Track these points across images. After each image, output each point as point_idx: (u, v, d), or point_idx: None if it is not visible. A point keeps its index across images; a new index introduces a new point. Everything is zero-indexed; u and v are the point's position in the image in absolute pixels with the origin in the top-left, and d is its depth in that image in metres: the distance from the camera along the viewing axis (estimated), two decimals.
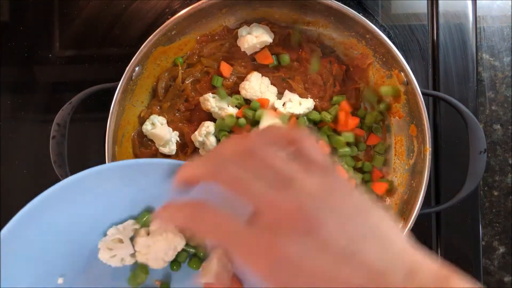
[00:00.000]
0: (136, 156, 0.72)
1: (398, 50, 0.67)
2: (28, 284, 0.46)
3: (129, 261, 0.50)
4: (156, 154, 0.72)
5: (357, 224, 0.31)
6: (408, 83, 0.67)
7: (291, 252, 0.30)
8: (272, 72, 0.74)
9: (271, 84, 0.73)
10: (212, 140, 0.71)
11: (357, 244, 0.30)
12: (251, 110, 0.71)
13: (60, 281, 0.49)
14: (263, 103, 0.71)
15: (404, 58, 0.67)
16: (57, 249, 0.48)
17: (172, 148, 0.72)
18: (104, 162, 0.66)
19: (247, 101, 0.73)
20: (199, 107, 0.73)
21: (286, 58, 0.73)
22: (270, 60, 0.73)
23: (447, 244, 0.76)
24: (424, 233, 0.76)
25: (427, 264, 0.32)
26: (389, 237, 0.32)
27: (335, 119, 0.73)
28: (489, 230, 0.78)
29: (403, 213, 0.69)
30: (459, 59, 0.77)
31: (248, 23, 0.73)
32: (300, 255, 0.30)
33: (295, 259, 0.30)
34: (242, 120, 0.71)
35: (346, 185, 0.33)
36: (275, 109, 0.71)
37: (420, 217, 0.66)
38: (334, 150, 0.73)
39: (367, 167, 0.74)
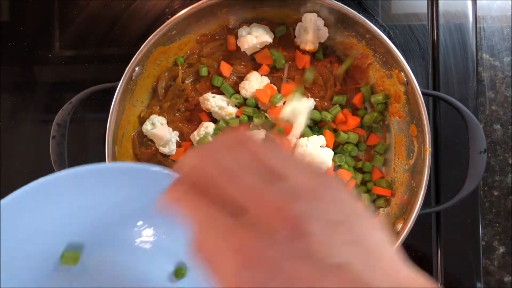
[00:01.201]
0: (136, 156, 0.72)
1: (398, 50, 0.67)
2: None
3: None
4: (156, 154, 0.72)
5: (345, 232, 0.29)
6: (408, 83, 0.67)
7: (270, 254, 0.28)
8: (271, 72, 0.74)
9: (271, 83, 0.73)
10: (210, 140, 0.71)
11: (343, 254, 0.28)
12: (250, 107, 0.71)
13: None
14: (263, 95, 0.71)
15: (404, 58, 0.67)
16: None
17: (172, 148, 0.72)
18: (104, 162, 0.66)
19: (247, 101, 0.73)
20: (199, 107, 0.73)
21: (281, 60, 0.73)
22: (270, 60, 0.73)
23: (447, 244, 0.76)
24: (424, 233, 0.76)
25: (412, 281, 0.30)
26: (377, 249, 0.30)
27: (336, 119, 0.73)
28: (489, 230, 0.78)
29: (403, 213, 0.69)
30: (459, 59, 0.77)
31: (248, 23, 0.73)
32: (279, 258, 0.28)
33: (273, 261, 0.28)
34: (244, 118, 0.71)
35: (338, 188, 0.32)
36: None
37: (420, 217, 0.66)
38: (338, 146, 0.73)
39: (367, 167, 0.74)
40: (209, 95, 0.71)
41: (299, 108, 0.68)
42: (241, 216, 0.30)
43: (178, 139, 0.73)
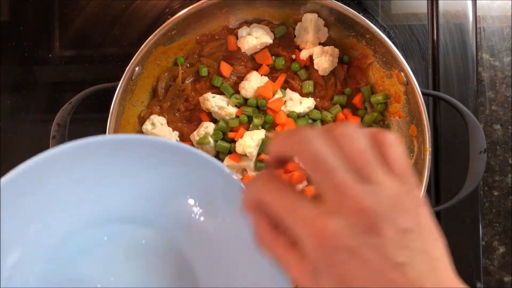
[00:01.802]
0: None
1: (398, 50, 0.67)
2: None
3: None
4: None
5: (412, 240, 0.33)
6: (408, 83, 0.67)
7: (347, 242, 0.32)
8: (271, 72, 0.74)
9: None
10: (210, 141, 0.71)
11: (406, 256, 0.32)
12: (250, 107, 0.71)
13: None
14: (266, 90, 0.71)
15: (404, 58, 0.67)
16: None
17: None
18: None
19: (247, 101, 0.73)
20: (199, 107, 0.73)
21: (281, 62, 0.73)
22: (270, 61, 0.73)
23: (447, 244, 0.76)
24: None
25: None
26: (436, 259, 0.35)
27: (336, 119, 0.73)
28: (489, 230, 0.78)
29: None
30: (459, 59, 0.77)
31: (248, 23, 0.73)
32: (355, 247, 0.32)
33: (350, 248, 0.32)
34: (244, 118, 0.71)
35: (416, 200, 0.35)
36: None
37: None
38: None
39: None
40: (209, 95, 0.71)
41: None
42: (320, 205, 0.33)
43: (178, 139, 0.73)
